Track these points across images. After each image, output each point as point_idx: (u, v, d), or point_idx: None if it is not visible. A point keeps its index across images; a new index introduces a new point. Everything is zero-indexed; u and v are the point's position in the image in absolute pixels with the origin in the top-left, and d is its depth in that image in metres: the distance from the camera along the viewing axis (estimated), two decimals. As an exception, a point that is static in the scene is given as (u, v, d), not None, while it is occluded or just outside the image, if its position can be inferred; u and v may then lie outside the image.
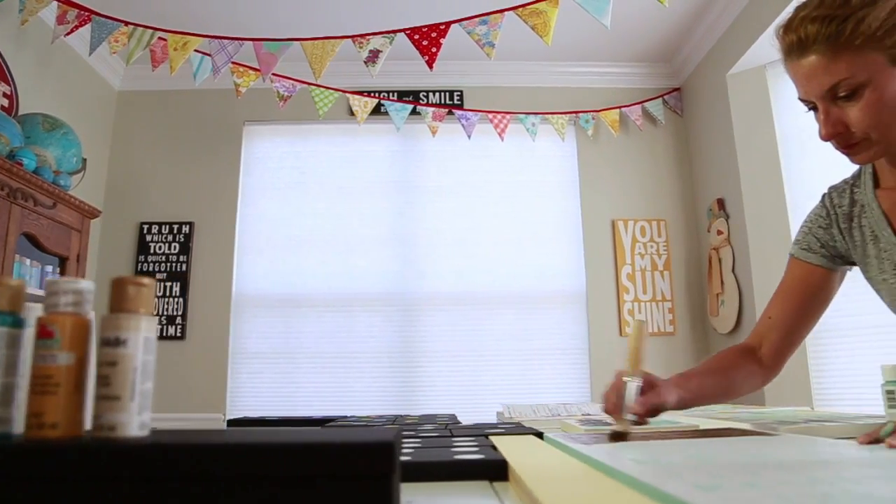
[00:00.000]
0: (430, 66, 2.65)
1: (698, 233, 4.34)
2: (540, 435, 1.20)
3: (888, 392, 1.18)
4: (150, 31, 2.82)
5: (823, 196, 1.36)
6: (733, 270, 3.84)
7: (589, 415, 1.68)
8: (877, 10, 1.00)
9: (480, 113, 4.08)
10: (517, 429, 1.37)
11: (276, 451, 0.48)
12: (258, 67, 3.31)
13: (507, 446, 0.97)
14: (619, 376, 1.13)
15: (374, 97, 4.02)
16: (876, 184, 1.26)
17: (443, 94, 4.47)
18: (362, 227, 4.34)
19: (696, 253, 4.33)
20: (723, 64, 3.94)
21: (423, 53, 2.65)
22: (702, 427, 1.24)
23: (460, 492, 0.69)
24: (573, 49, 4.34)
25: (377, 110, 4.08)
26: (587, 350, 4.17)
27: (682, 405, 1.19)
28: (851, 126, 1.06)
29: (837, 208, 1.31)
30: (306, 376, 4.15)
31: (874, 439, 0.85)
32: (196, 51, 2.94)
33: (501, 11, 2.56)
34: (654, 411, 1.11)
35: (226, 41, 2.85)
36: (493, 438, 1.13)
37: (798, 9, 1.07)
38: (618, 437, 1.05)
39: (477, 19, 2.59)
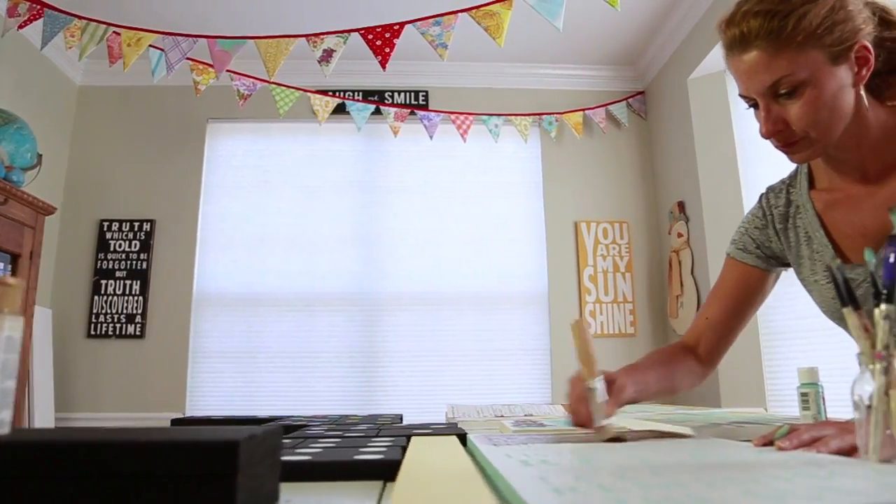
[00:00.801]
0: (384, 67, 2.66)
1: (660, 235, 4.38)
2: (465, 435, 1.21)
3: (802, 395, 1.21)
4: (104, 26, 2.80)
5: (761, 196, 1.36)
6: (692, 272, 3.89)
7: (530, 416, 1.69)
8: (817, 7, 1.01)
9: (443, 113, 4.09)
10: (446, 429, 1.37)
11: (121, 449, 0.48)
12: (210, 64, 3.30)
13: (418, 447, 0.97)
14: (577, 384, 1.08)
15: (337, 97, 4.01)
16: (811, 184, 1.27)
17: (408, 94, 4.47)
18: (325, 227, 4.33)
19: (658, 255, 4.37)
20: (684, 68, 3.98)
21: (376, 53, 2.65)
22: (633, 428, 1.25)
23: (345, 491, 0.70)
24: (540, 51, 4.36)
25: (341, 110, 4.07)
26: (549, 351, 4.19)
27: (634, 400, 1.19)
28: (791, 124, 1.06)
29: (773, 209, 1.32)
30: (267, 375, 4.13)
31: (768, 441, 0.85)
32: (152, 46, 2.92)
33: (455, 13, 2.56)
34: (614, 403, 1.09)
35: (180, 38, 2.83)
36: (416, 439, 1.14)
37: (740, 3, 1.07)
38: (614, 440, 1.00)
39: (431, 20, 2.60)
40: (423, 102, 4.44)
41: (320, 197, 4.37)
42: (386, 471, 0.77)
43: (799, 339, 3.32)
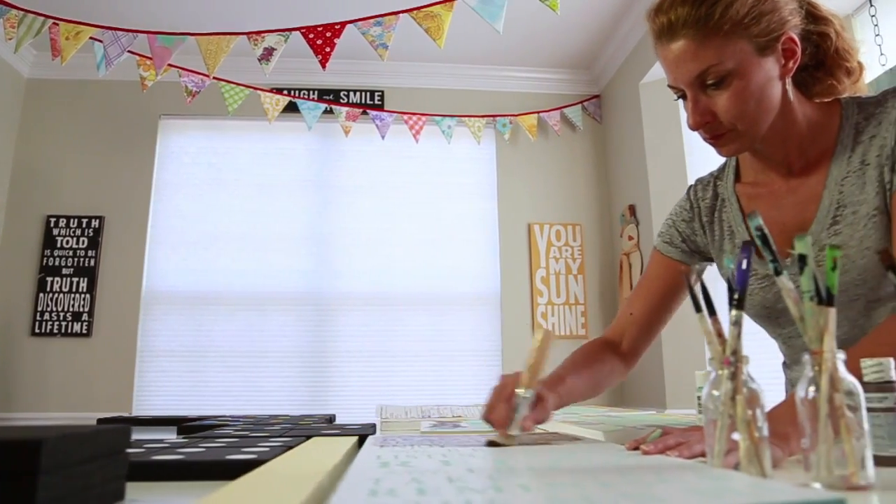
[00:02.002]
0: (324, 66, 2.64)
1: (612, 238, 4.41)
2: (365, 437, 1.21)
3: (699, 398, 1.22)
4: (42, 17, 2.74)
5: (689, 188, 1.35)
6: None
7: (458, 416, 1.69)
8: None
9: (395, 114, 4.08)
10: (358, 430, 1.37)
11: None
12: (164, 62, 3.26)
13: (306, 448, 0.97)
14: (510, 384, 1.06)
15: (291, 95, 3.98)
16: (737, 178, 1.26)
17: (363, 93, 4.46)
18: (278, 226, 4.30)
19: (610, 258, 4.40)
20: (636, 73, 4.02)
21: (317, 53, 2.63)
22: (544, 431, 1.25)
23: (197, 490, 0.69)
24: (499, 54, 4.37)
25: (294, 108, 4.04)
26: (500, 352, 4.20)
27: (561, 405, 1.18)
28: (719, 115, 1.05)
29: (701, 201, 1.31)
30: (217, 375, 4.09)
31: (639, 445, 0.86)
32: (93, 39, 2.86)
33: (396, 14, 2.56)
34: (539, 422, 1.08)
35: (119, 33, 2.79)
36: (313, 440, 1.13)
37: None
38: (496, 444, 0.98)
39: (372, 20, 2.60)
40: (379, 102, 4.43)
41: (273, 195, 4.34)
42: (245, 470, 0.77)
43: (744, 341, 3.36)
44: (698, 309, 0.73)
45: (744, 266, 0.69)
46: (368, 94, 4.46)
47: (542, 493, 0.51)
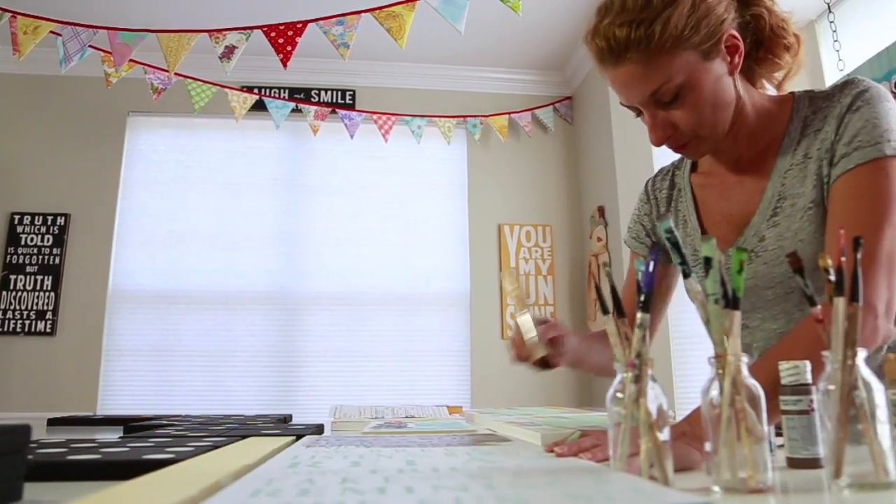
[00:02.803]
0: (285, 65, 2.63)
1: (582, 239, 4.43)
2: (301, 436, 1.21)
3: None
4: (0, 11, 2.70)
5: (647, 181, 1.36)
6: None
7: (411, 416, 1.69)
8: (678, 8, 0.99)
9: (364, 113, 4.07)
10: (288, 430, 1.36)
11: None
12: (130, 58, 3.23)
13: (233, 448, 0.96)
14: (515, 330, 1.16)
15: (262, 94, 3.96)
16: (694, 168, 1.27)
17: (334, 92, 4.44)
18: (247, 224, 4.27)
19: (580, 259, 4.42)
20: (606, 75, 4.03)
21: (278, 51, 2.62)
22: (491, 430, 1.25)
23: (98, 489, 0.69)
24: (471, 54, 4.37)
25: (264, 107, 4.01)
26: (469, 352, 4.20)
27: (576, 357, 1.21)
28: (680, 127, 1.05)
29: (658, 192, 1.32)
30: (183, 374, 4.05)
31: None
32: (53, 33, 2.82)
33: (358, 13, 2.56)
34: (556, 342, 1.15)
35: (79, 28, 2.76)
36: (248, 440, 1.13)
37: (601, 15, 1.04)
38: (541, 363, 1.12)
39: (334, 20, 2.59)
40: (350, 102, 4.42)
41: (242, 194, 4.31)
42: (154, 470, 0.76)
43: (708, 342, 3.38)
44: (605, 311, 0.73)
45: (650, 269, 0.69)
46: (340, 93, 4.45)
47: (421, 494, 0.51)
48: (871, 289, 0.92)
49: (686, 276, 0.69)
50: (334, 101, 4.41)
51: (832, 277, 0.69)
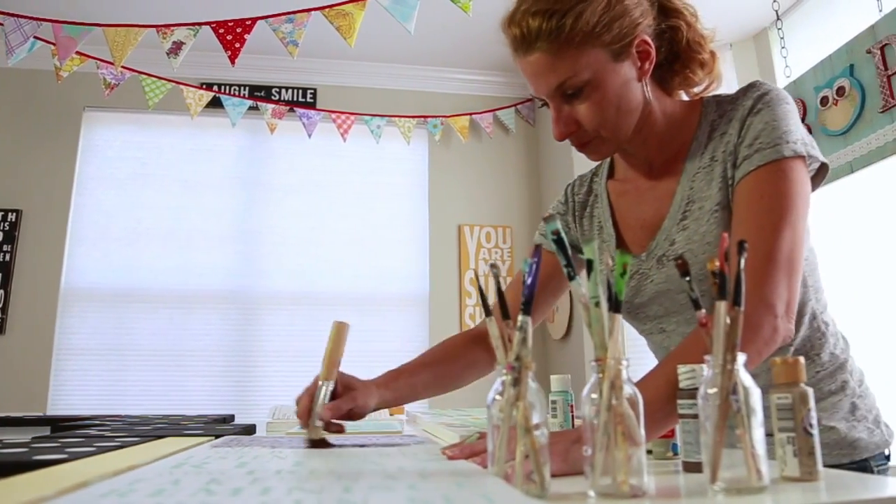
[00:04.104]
0: (233, 62, 2.60)
1: (542, 241, 4.44)
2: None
3: (552, 402, 1.23)
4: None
5: (567, 185, 1.36)
6: (566, 278, 3.95)
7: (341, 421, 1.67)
8: (593, 4, 1.00)
9: (323, 112, 4.04)
10: (211, 430, 1.34)
11: None
12: (81, 52, 3.18)
13: (134, 449, 0.94)
14: (314, 381, 1.10)
15: (217, 91, 3.92)
16: (611, 174, 1.27)
17: (295, 90, 4.41)
18: (204, 223, 4.22)
19: (539, 260, 4.42)
20: (565, 78, 4.05)
21: (226, 48, 2.59)
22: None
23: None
24: (433, 55, 4.37)
25: (222, 104, 3.97)
26: (427, 353, 4.19)
27: (386, 405, 1.18)
28: (582, 124, 1.05)
29: (576, 196, 1.32)
30: (137, 374, 3.99)
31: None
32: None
33: (307, 11, 2.54)
34: (350, 416, 1.09)
35: (23, 20, 2.70)
36: (167, 439, 1.11)
37: (518, 2, 1.05)
38: (316, 444, 1.02)
39: (283, 17, 2.57)
40: (311, 100, 4.39)
41: (200, 192, 4.26)
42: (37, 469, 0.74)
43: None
44: (488, 313, 0.73)
45: (534, 270, 0.69)
46: (300, 91, 4.42)
47: (273, 495, 0.50)
48: (770, 290, 0.93)
49: (570, 278, 0.69)
50: (295, 99, 4.38)
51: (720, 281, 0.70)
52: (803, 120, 2.56)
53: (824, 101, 2.45)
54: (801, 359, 0.74)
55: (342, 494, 0.52)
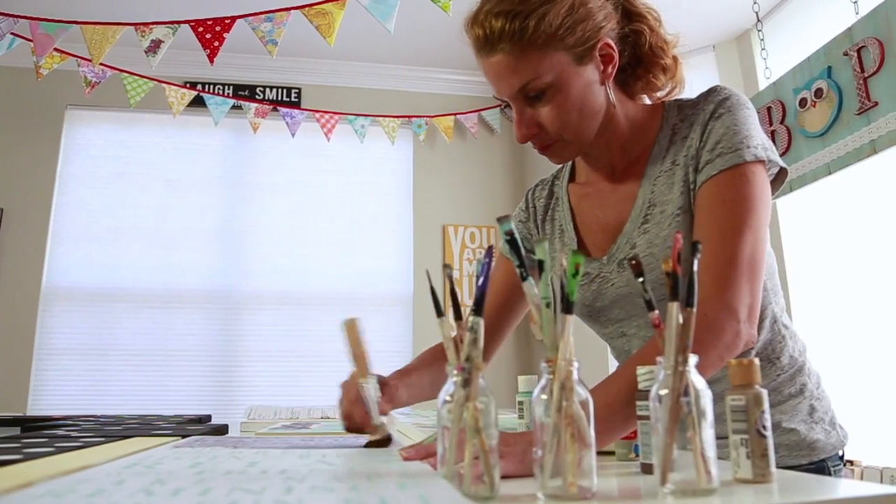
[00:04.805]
0: (211, 61, 2.59)
1: (526, 241, 4.44)
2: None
3: (519, 403, 1.23)
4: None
5: (528, 190, 1.36)
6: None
7: (326, 418, 1.67)
8: (556, 6, 0.99)
9: (307, 112, 4.03)
10: (179, 430, 1.33)
11: None
12: (63, 50, 3.16)
13: (95, 449, 0.94)
14: (350, 386, 1.08)
15: (202, 90, 3.90)
16: (573, 177, 1.27)
17: (280, 90, 4.39)
18: (187, 222, 4.20)
19: (524, 261, 4.42)
20: (550, 78, 4.05)
21: (205, 47, 2.58)
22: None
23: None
24: (419, 54, 4.36)
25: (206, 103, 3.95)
26: (411, 353, 4.19)
27: (407, 403, 1.19)
28: (545, 126, 1.05)
29: (537, 201, 1.31)
30: (119, 374, 3.97)
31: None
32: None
33: (287, 10, 2.53)
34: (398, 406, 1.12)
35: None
36: (133, 440, 1.10)
37: (482, 3, 1.04)
38: (376, 444, 1.01)
39: (263, 16, 2.56)
40: (296, 100, 4.38)
41: (183, 191, 4.25)
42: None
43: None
44: (439, 313, 0.72)
45: (485, 270, 0.69)
46: (285, 90, 4.40)
47: (212, 496, 0.50)
48: (733, 294, 0.93)
49: (523, 279, 0.69)
50: (279, 98, 4.36)
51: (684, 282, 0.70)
52: (782, 121, 2.57)
53: (803, 102, 2.46)
54: (756, 360, 0.74)
55: (281, 495, 0.52)
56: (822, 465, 1.09)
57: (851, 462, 2.51)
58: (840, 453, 1.13)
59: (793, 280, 3.05)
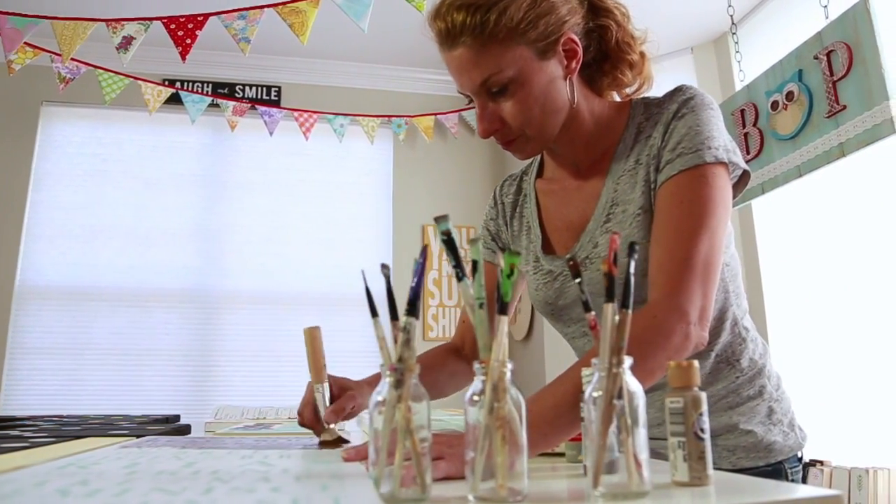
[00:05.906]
0: (183, 59, 2.57)
1: (506, 242, 4.44)
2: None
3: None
4: None
5: (496, 187, 1.35)
6: (528, 279, 3.96)
7: (293, 419, 1.66)
8: (518, 0, 0.98)
9: (285, 110, 4.02)
10: (138, 430, 1.33)
11: None
12: (36, 45, 3.13)
13: (45, 449, 0.93)
14: (307, 389, 1.12)
15: (180, 88, 3.87)
16: (540, 174, 1.26)
17: (260, 88, 4.37)
18: (164, 220, 4.17)
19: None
20: (529, 79, 4.05)
21: (177, 44, 2.56)
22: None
23: None
24: (398, 54, 4.36)
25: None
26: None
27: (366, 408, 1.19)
28: (507, 121, 1.04)
29: (505, 198, 1.31)
30: (94, 373, 3.94)
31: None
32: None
33: (260, 8, 2.52)
34: (351, 415, 1.11)
35: (-33, 12, 2.65)
36: (86, 440, 1.09)
37: None
38: (329, 444, 1.04)
39: (236, 14, 2.54)
40: (276, 98, 4.36)
41: (160, 189, 4.21)
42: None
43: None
44: (374, 313, 0.72)
45: (420, 271, 0.68)
46: (265, 88, 4.39)
47: (131, 495, 0.49)
48: (685, 296, 0.92)
49: (459, 279, 0.69)
50: (259, 97, 4.34)
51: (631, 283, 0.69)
52: (755, 124, 2.59)
53: (775, 105, 2.48)
54: (696, 362, 0.73)
55: (197, 496, 0.51)
56: (779, 468, 1.09)
57: (821, 462, 2.52)
58: (798, 455, 1.13)
59: (767, 281, 3.07)
